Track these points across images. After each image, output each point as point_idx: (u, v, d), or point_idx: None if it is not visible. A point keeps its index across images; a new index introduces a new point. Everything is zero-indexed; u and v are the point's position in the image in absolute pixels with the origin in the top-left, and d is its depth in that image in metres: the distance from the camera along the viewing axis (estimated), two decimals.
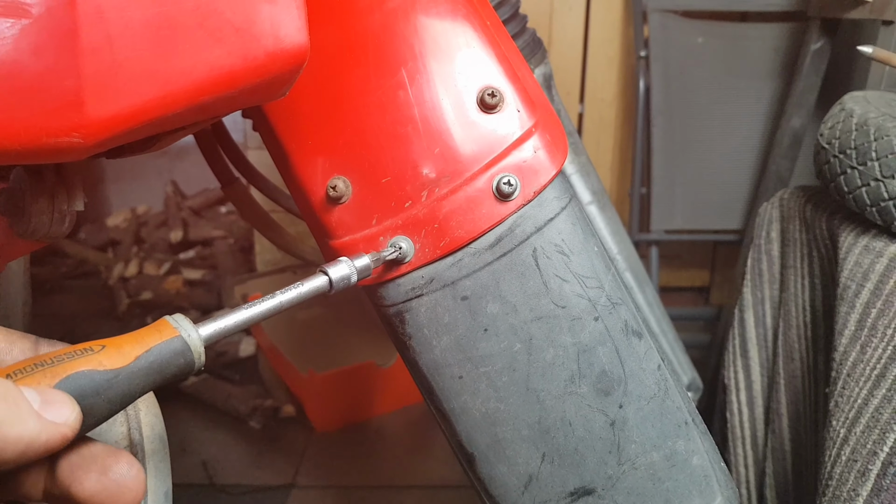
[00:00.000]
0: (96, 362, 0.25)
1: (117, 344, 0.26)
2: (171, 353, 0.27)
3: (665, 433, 0.41)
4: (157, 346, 0.27)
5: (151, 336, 0.27)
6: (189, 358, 0.28)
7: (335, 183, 0.42)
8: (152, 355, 0.27)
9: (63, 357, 0.25)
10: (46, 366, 0.25)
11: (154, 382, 0.27)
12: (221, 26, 0.32)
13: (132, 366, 0.26)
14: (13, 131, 0.29)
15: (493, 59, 0.43)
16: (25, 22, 0.29)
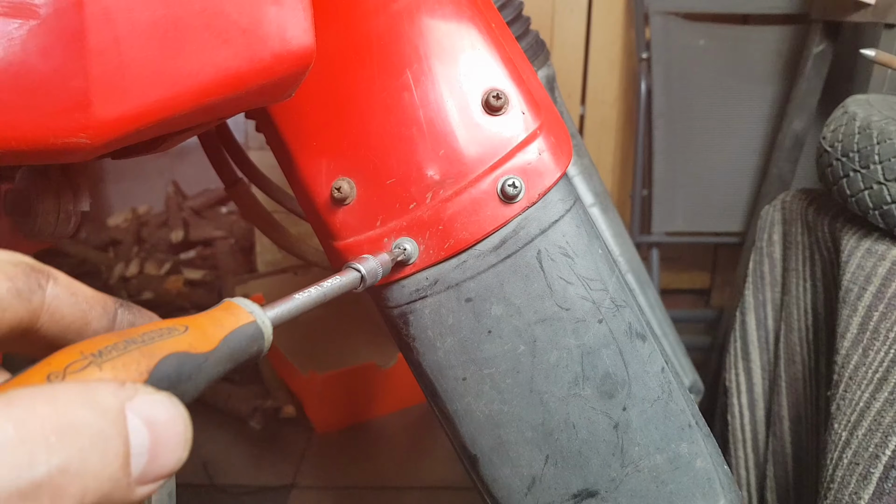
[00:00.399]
0: (187, 344, 0.23)
1: (198, 326, 0.24)
2: (248, 339, 0.26)
3: (668, 436, 0.41)
4: (237, 331, 0.25)
5: (228, 320, 0.25)
6: (261, 344, 0.26)
7: (340, 184, 0.42)
8: (232, 340, 0.25)
9: (153, 335, 0.22)
10: (138, 343, 0.22)
11: (227, 369, 0.25)
12: (228, 28, 0.32)
13: (217, 350, 0.24)
14: (21, 131, 0.29)
15: (497, 62, 0.43)
16: (33, 23, 0.29)
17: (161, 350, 0.22)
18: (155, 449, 0.19)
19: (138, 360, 0.21)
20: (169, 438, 0.19)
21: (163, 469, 0.19)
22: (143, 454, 0.19)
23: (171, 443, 0.19)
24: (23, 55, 0.29)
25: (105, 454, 0.17)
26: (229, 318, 0.25)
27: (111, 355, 0.21)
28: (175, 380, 0.22)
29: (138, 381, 0.21)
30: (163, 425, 0.19)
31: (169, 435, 0.19)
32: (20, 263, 0.22)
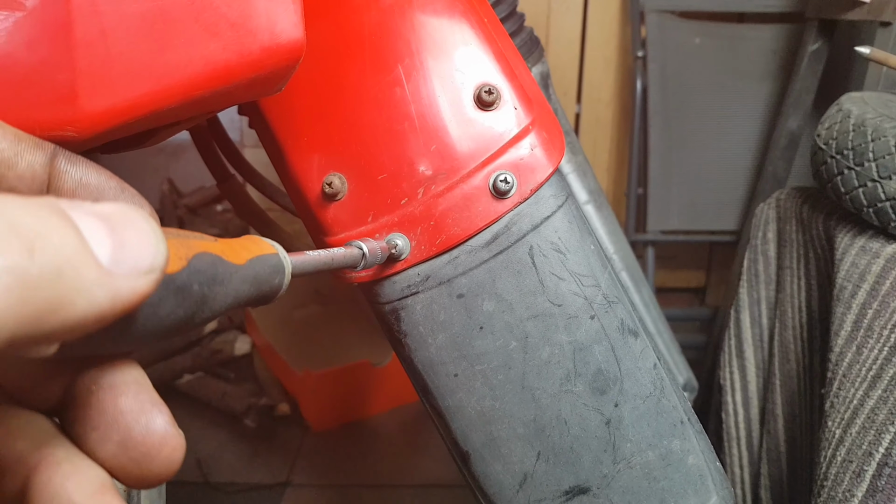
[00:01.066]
0: (219, 251, 0.22)
1: (226, 243, 0.23)
2: (271, 268, 0.25)
3: (660, 432, 0.41)
4: (261, 257, 0.24)
5: (253, 246, 0.24)
6: (281, 277, 0.25)
7: (331, 180, 0.42)
8: (258, 263, 0.24)
9: (187, 233, 0.21)
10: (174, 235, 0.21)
11: (251, 295, 0.24)
12: (217, 21, 0.32)
13: (245, 267, 0.23)
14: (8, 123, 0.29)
15: (490, 57, 0.42)
16: (19, 14, 0.28)
17: (196, 246, 0.21)
18: (117, 235, 0.17)
19: (177, 247, 0.20)
20: (131, 228, 0.17)
21: (139, 258, 0.17)
22: (102, 239, 0.17)
23: (134, 232, 0.17)
24: (8, 47, 0.28)
25: (47, 222, 0.15)
26: (253, 245, 0.25)
27: None
28: (210, 277, 0.21)
29: (177, 265, 0.20)
30: (117, 215, 0.17)
31: (128, 225, 0.17)
32: None
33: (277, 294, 0.25)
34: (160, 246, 0.18)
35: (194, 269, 0.20)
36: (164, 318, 0.19)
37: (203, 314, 0.21)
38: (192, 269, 0.20)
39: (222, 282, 0.21)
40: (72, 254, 0.16)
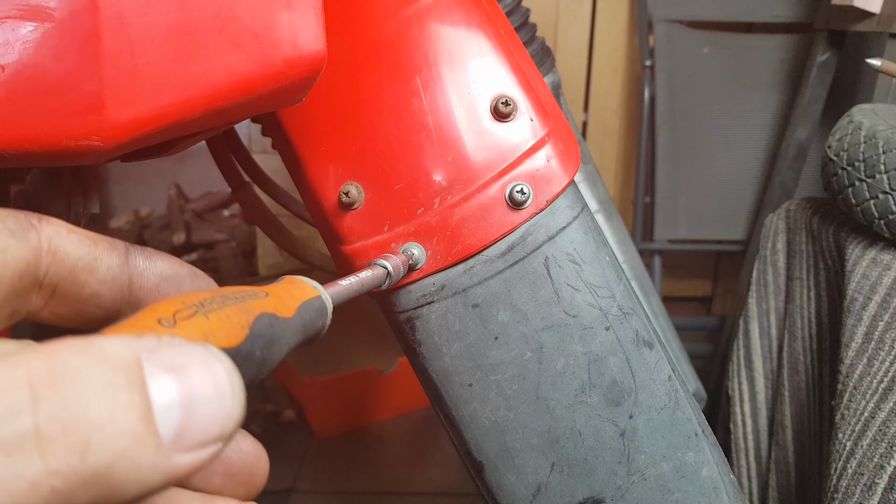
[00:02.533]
0: (273, 307, 0.22)
1: (275, 294, 0.23)
2: (316, 312, 0.25)
3: (675, 444, 0.41)
4: (307, 303, 0.24)
5: (297, 292, 0.25)
6: (324, 319, 0.26)
7: (348, 189, 0.42)
8: (304, 311, 0.24)
9: (243, 295, 0.21)
10: (233, 300, 0.20)
11: (299, 341, 0.24)
12: (240, 32, 0.32)
13: (295, 318, 0.23)
14: (35, 133, 0.29)
15: (506, 68, 0.43)
16: (48, 26, 0.29)
17: (255, 308, 0.21)
18: (190, 405, 0.15)
19: (239, 315, 0.20)
20: (208, 391, 0.16)
21: (208, 430, 0.16)
22: (172, 409, 0.15)
23: (211, 396, 0.16)
24: (37, 58, 0.29)
25: (112, 402, 0.14)
26: (297, 290, 0.25)
27: (213, 307, 0.19)
28: (269, 339, 0.21)
29: (241, 335, 0.19)
30: (197, 376, 0.16)
31: (208, 387, 0.16)
32: (4, 209, 0.20)
33: (321, 335, 0.26)
34: (235, 409, 0.16)
35: (255, 334, 0.20)
36: None
37: (260, 376, 0.21)
38: (254, 336, 0.20)
39: (278, 340, 0.22)
40: (132, 444, 0.14)
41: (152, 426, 0.15)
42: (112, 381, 0.14)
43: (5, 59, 0.29)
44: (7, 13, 0.29)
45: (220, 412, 0.16)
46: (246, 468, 0.22)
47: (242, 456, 0.22)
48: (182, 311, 0.19)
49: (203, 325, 0.19)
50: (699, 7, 1.57)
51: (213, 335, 0.19)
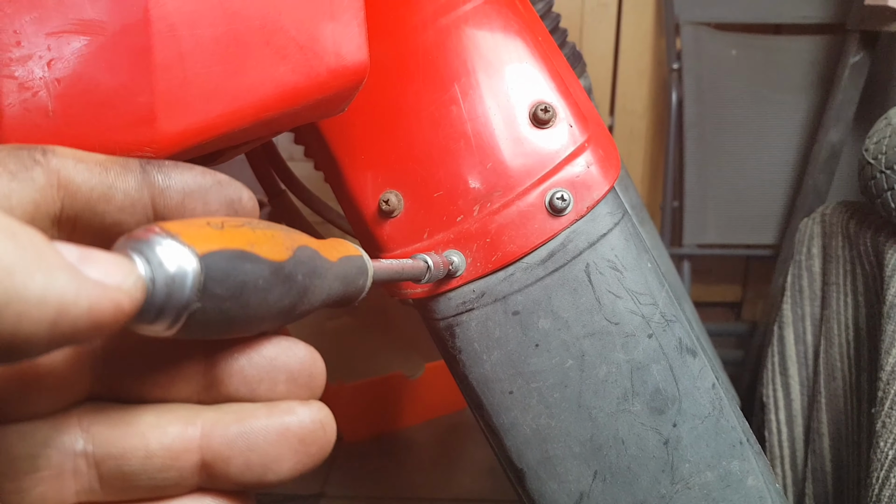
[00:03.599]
0: (316, 246, 0.23)
1: (318, 241, 0.24)
2: (357, 269, 0.26)
3: (719, 453, 0.41)
4: (350, 257, 0.25)
5: (340, 248, 0.25)
6: (365, 279, 0.26)
7: (388, 197, 0.42)
8: (346, 263, 0.25)
9: (286, 228, 0.22)
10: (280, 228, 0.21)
11: (340, 293, 0.24)
12: (286, 44, 0.33)
13: (337, 265, 0.24)
14: (89, 145, 0.30)
15: (545, 75, 0.43)
16: (101, 39, 0.29)
17: (299, 239, 0.22)
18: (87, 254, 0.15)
19: (284, 238, 0.20)
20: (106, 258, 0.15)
21: (108, 273, 0.15)
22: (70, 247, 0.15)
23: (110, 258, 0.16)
24: (91, 71, 0.29)
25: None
26: (341, 246, 0.26)
27: (261, 226, 0.20)
28: (311, 269, 0.21)
29: (285, 254, 0.20)
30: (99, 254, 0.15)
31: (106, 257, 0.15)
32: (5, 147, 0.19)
33: (360, 295, 0.26)
34: (132, 269, 0.16)
35: (298, 259, 0.21)
36: (273, 305, 0.20)
37: (303, 305, 0.21)
38: (297, 260, 0.21)
39: (321, 275, 0.22)
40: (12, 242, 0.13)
41: (44, 239, 0.14)
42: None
43: (60, 72, 0.30)
44: (62, 28, 0.30)
45: (115, 263, 0.16)
46: (305, 370, 0.24)
47: (299, 360, 0.23)
48: (230, 221, 0.20)
49: (249, 235, 0.19)
50: (727, 9, 1.56)
51: (257, 245, 0.19)
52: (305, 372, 0.24)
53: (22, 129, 0.29)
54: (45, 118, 0.30)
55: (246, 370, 0.23)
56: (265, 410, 0.22)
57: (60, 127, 0.30)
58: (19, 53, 0.29)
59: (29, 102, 0.30)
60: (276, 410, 0.23)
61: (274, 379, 0.23)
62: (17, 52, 0.29)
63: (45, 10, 0.29)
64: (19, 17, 0.29)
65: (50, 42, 0.30)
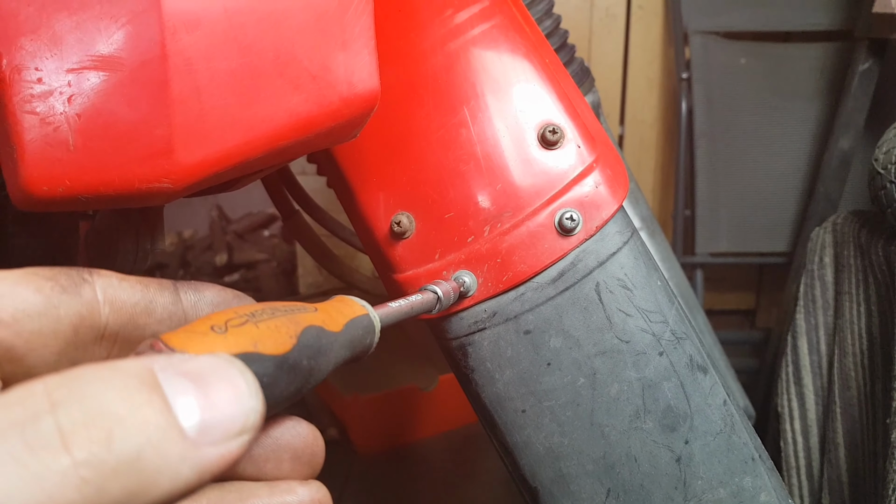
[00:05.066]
0: (321, 321, 0.23)
1: (324, 310, 0.24)
2: (363, 329, 0.26)
3: (732, 469, 0.41)
4: (355, 320, 0.25)
5: (346, 309, 0.26)
6: (372, 337, 0.27)
7: (399, 218, 0.43)
8: (352, 327, 0.25)
9: (292, 308, 0.22)
10: (283, 312, 0.22)
11: (346, 358, 0.25)
12: (299, 74, 0.33)
13: (342, 333, 0.24)
14: (109, 178, 0.31)
15: (553, 96, 0.43)
16: (120, 75, 0.30)
17: (303, 321, 0.22)
18: (207, 400, 0.16)
19: (287, 325, 0.21)
20: (223, 388, 0.17)
21: (230, 423, 0.17)
22: (190, 406, 0.16)
23: (227, 392, 0.17)
24: (110, 105, 0.30)
25: (130, 399, 0.15)
26: (346, 308, 0.26)
27: (263, 317, 0.21)
28: (315, 350, 0.22)
29: (288, 344, 0.20)
30: (210, 375, 0.17)
31: (221, 383, 0.17)
32: (55, 268, 0.21)
33: (368, 353, 0.27)
34: (254, 403, 0.17)
35: (303, 345, 0.21)
36: (279, 395, 0.20)
37: (308, 385, 0.22)
38: (302, 346, 0.21)
39: (325, 352, 0.23)
40: (154, 433, 0.15)
41: (173, 419, 0.16)
42: (127, 384, 0.15)
43: (81, 107, 0.31)
44: (82, 64, 0.31)
45: (238, 405, 0.17)
46: (308, 449, 0.25)
47: (302, 438, 0.24)
48: (234, 320, 0.20)
49: (253, 332, 0.20)
50: (735, 18, 1.56)
51: (261, 342, 0.20)
52: (308, 450, 0.25)
53: (44, 163, 0.30)
54: (67, 152, 0.30)
55: (254, 451, 0.24)
56: (267, 490, 0.23)
57: (81, 160, 0.31)
58: (41, 90, 0.30)
59: (50, 137, 0.30)
60: (277, 490, 0.23)
61: (279, 458, 0.24)
62: (39, 88, 0.30)
63: (65, 47, 0.30)
64: (41, 54, 0.30)
65: (70, 78, 0.31)
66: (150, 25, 0.30)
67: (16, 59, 0.30)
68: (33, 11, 0.30)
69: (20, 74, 0.30)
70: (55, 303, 0.20)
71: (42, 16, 0.30)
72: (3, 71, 0.30)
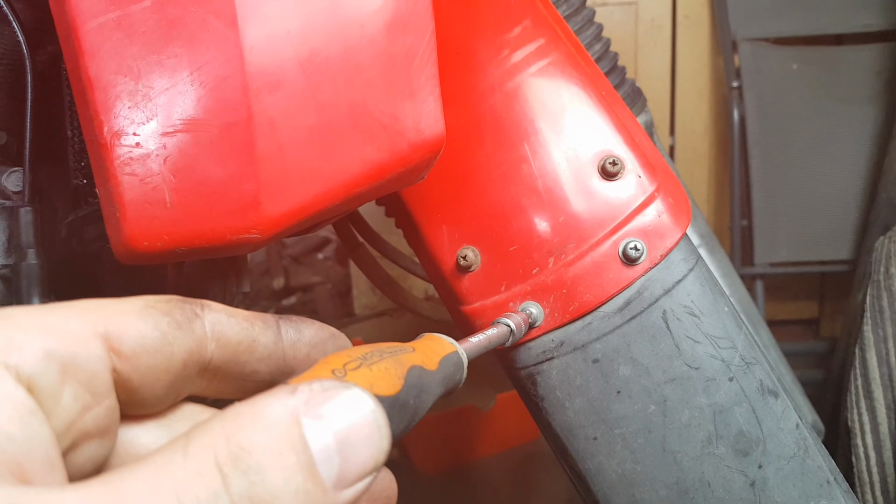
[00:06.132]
0: (420, 361, 0.24)
1: (420, 349, 0.26)
2: (454, 366, 0.27)
3: (807, 493, 0.41)
4: (447, 357, 0.27)
5: (437, 347, 0.27)
6: (461, 373, 0.28)
7: (465, 252, 0.45)
8: (445, 365, 0.26)
9: (395, 350, 0.24)
10: (388, 354, 0.23)
11: (440, 393, 0.26)
12: (371, 126, 0.35)
13: (438, 371, 0.25)
14: (202, 231, 0.33)
15: (611, 128, 0.44)
16: (209, 136, 0.33)
17: (407, 362, 0.23)
18: (345, 448, 0.18)
19: (395, 367, 0.22)
20: (359, 432, 0.18)
21: (363, 466, 0.18)
22: (331, 458, 0.18)
23: (362, 436, 0.18)
24: (202, 164, 0.33)
25: (284, 468, 0.17)
26: (438, 346, 0.27)
27: (374, 360, 0.22)
28: (419, 388, 0.23)
29: (398, 385, 0.22)
30: (347, 420, 0.18)
31: (357, 428, 0.18)
32: (171, 299, 0.22)
33: (459, 386, 0.28)
34: (384, 444, 0.19)
35: (410, 385, 0.23)
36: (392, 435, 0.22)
37: (413, 423, 0.23)
38: (409, 386, 0.23)
39: (427, 390, 0.24)
40: (304, 499, 0.17)
41: (318, 479, 0.17)
42: (280, 449, 0.17)
43: (175, 168, 0.33)
44: (175, 127, 0.33)
45: (371, 447, 0.18)
46: (385, 493, 0.25)
47: (380, 481, 0.25)
48: (350, 363, 0.21)
49: (368, 375, 0.21)
50: (784, 23, 1.54)
51: (376, 385, 0.21)
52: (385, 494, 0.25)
53: (144, 220, 0.33)
54: (164, 209, 0.33)
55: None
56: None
57: (177, 217, 0.33)
58: (139, 153, 0.33)
59: (149, 196, 0.33)
60: None
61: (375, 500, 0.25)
62: (138, 151, 0.33)
63: (159, 113, 0.33)
64: (138, 121, 0.33)
65: (165, 140, 0.33)
66: (236, 89, 0.33)
67: (115, 126, 0.33)
68: (129, 82, 0.33)
69: (119, 140, 0.33)
70: (170, 339, 0.21)
71: (137, 85, 0.33)
72: (105, 137, 0.33)
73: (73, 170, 0.43)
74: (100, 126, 0.32)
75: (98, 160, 0.33)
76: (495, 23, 0.47)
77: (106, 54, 0.32)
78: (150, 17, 0.33)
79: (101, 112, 0.33)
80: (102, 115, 0.33)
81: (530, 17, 0.46)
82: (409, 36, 0.37)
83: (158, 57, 0.32)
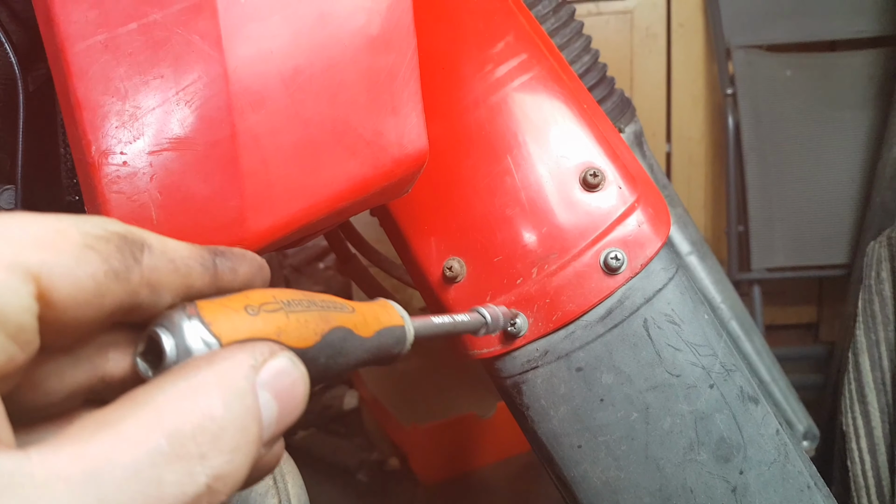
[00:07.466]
0: (352, 324, 0.25)
1: (361, 313, 0.26)
2: (394, 339, 0.27)
3: (788, 498, 0.41)
4: (388, 329, 0.27)
5: (384, 316, 0.27)
6: (402, 347, 0.28)
7: (451, 264, 0.45)
8: (383, 336, 0.26)
9: (329, 304, 0.24)
10: (318, 307, 0.23)
11: (368, 361, 0.26)
12: (355, 141, 0.36)
13: (370, 340, 0.25)
14: None
15: (592, 140, 0.45)
16: (194, 154, 0.34)
17: (334, 320, 0.24)
18: (281, 416, 0.21)
19: (317, 321, 0.23)
20: (292, 401, 0.21)
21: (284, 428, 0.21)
22: (271, 425, 0.20)
23: (293, 404, 0.21)
24: (188, 182, 0.34)
25: (246, 444, 0.19)
26: (384, 314, 0.27)
27: (297, 308, 0.22)
28: (337, 350, 0.24)
29: (311, 340, 0.22)
30: (287, 391, 0.21)
31: (292, 397, 0.21)
32: (112, 236, 0.20)
33: (394, 361, 0.28)
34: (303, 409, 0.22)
35: (325, 343, 0.23)
36: None
37: (322, 380, 0.24)
38: (324, 344, 0.23)
39: (346, 354, 0.24)
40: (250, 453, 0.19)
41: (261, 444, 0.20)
42: (244, 424, 0.19)
43: (162, 185, 0.34)
44: (161, 146, 0.34)
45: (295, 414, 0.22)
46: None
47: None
48: (269, 305, 0.22)
49: (280, 322, 0.22)
50: (777, 30, 1.55)
51: (285, 333, 0.22)
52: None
53: None
54: (151, 226, 0.34)
55: None
56: None
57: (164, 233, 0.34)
58: (126, 171, 0.34)
59: (136, 213, 0.34)
60: None
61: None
62: (125, 170, 0.34)
63: (146, 132, 0.34)
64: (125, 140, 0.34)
65: (152, 159, 0.34)
66: (220, 108, 0.34)
67: (103, 146, 0.34)
68: (116, 102, 0.34)
69: (107, 158, 0.34)
70: (103, 291, 0.20)
71: (124, 105, 0.34)
72: (93, 156, 0.34)
73: (65, 187, 0.44)
74: (88, 145, 0.33)
75: (86, 179, 0.34)
76: (479, 38, 0.48)
77: (94, 75, 0.33)
78: (136, 39, 0.33)
79: (89, 132, 0.33)
80: (90, 134, 0.34)
81: (513, 33, 0.47)
82: (391, 54, 0.38)
83: (145, 77, 0.33)
